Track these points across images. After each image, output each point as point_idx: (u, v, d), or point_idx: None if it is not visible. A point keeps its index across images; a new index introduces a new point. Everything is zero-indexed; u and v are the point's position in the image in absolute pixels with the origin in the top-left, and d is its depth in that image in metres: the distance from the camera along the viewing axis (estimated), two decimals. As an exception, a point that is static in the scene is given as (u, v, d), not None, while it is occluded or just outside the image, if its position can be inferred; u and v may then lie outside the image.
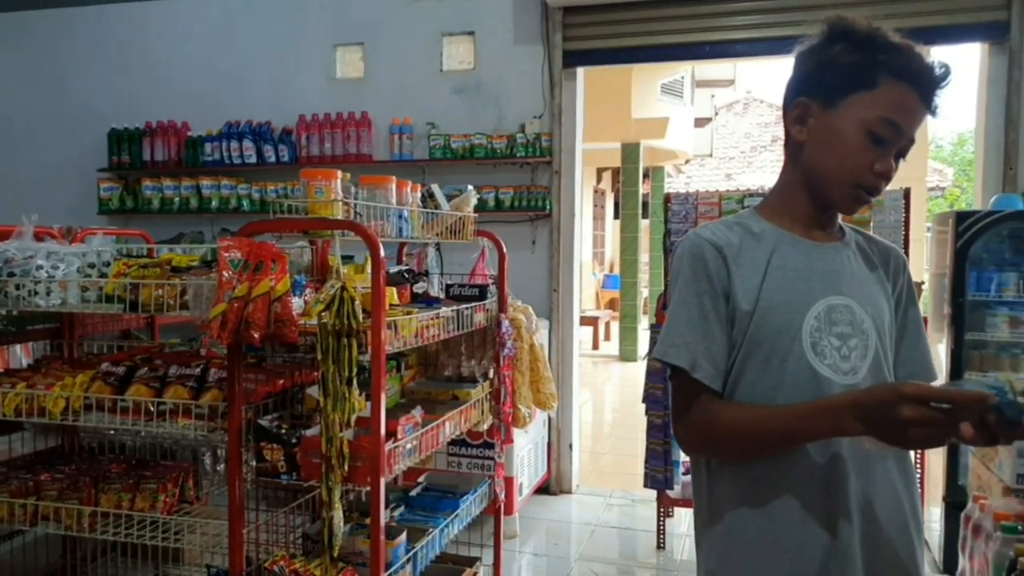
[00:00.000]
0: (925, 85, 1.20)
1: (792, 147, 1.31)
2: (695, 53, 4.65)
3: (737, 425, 1.23)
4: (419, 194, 2.56)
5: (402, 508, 2.66)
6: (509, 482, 3.81)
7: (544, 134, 4.61)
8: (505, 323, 2.89)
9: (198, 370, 2.40)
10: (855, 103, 1.22)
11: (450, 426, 2.55)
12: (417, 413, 2.27)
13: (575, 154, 4.69)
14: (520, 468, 4.03)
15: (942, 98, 1.23)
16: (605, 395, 8.49)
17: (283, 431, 2.18)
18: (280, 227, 2.19)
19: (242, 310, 2.00)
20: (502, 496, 2.98)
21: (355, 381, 1.94)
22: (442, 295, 2.90)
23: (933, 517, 3.73)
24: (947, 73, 1.22)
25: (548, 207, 4.64)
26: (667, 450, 3.66)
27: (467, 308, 2.63)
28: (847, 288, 1.29)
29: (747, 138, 15.89)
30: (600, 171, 14.88)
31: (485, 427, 2.95)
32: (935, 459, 3.66)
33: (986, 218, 3.44)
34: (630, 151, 10.30)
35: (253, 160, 5.12)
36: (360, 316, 1.92)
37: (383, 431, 2.01)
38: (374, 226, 2.17)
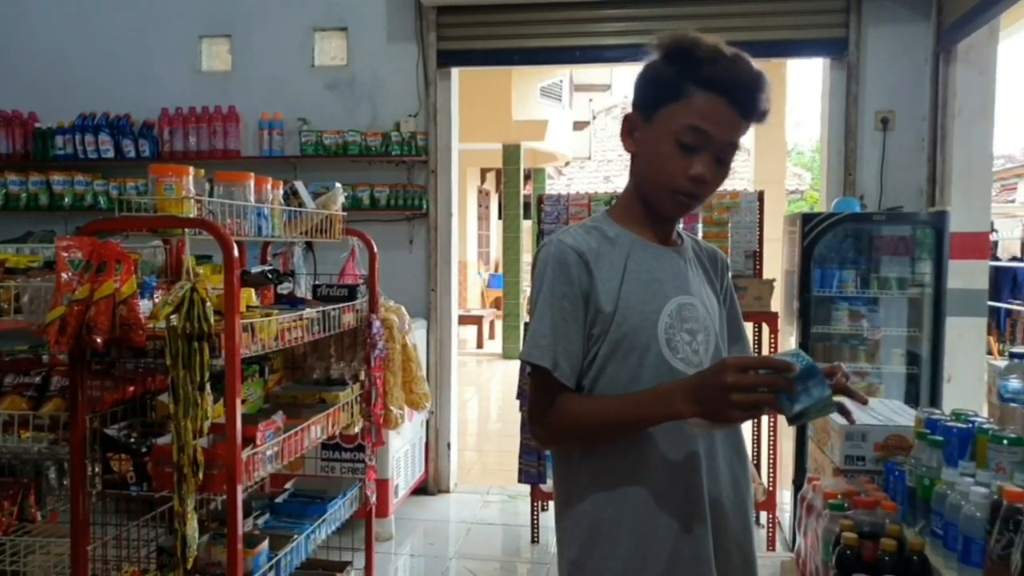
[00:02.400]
0: (733, 93, 1.25)
1: (631, 160, 1.39)
2: (567, 57, 4.77)
3: (584, 415, 1.31)
4: (281, 191, 2.49)
5: (267, 515, 2.58)
6: (384, 484, 3.78)
7: (420, 133, 4.59)
8: (376, 324, 2.86)
9: (38, 379, 2.24)
10: (666, 114, 1.29)
11: (316, 430, 2.49)
12: (278, 418, 2.21)
13: (451, 153, 4.70)
14: (396, 469, 4.00)
15: (763, 105, 1.28)
16: (489, 393, 8.56)
17: (132, 440, 2.06)
18: (126, 225, 2.07)
19: (83, 314, 1.88)
20: (373, 499, 2.95)
21: (207, 386, 1.87)
22: (309, 296, 2.83)
23: (785, 499, 4.00)
24: (757, 81, 1.27)
25: (425, 206, 4.63)
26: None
27: (334, 309, 2.58)
28: (691, 288, 1.40)
29: (625, 141, 16.41)
30: (484, 171, 14.99)
31: (356, 430, 2.90)
32: (786, 445, 3.92)
33: (828, 219, 3.73)
34: (511, 152, 10.43)
35: (111, 155, 4.81)
36: (212, 319, 1.85)
37: (239, 438, 1.95)
38: (230, 225, 2.09)
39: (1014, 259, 8.41)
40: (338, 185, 2.79)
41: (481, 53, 4.68)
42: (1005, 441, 1.67)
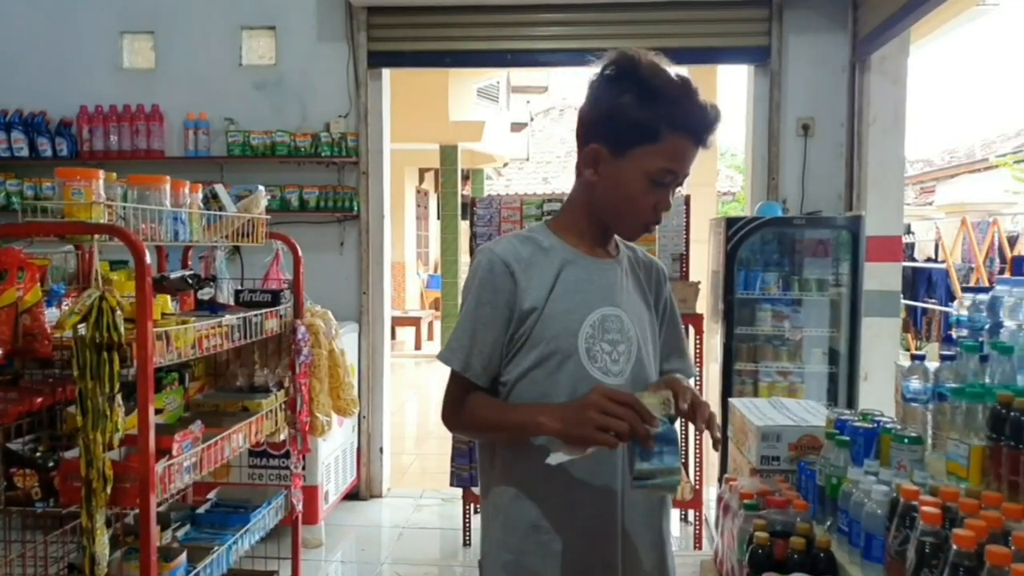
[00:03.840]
0: (700, 132, 1.35)
1: (585, 183, 1.42)
2: (500, 60, 4.79)
3: (476, 415, 1.41)
4: (201, 195, 2.42)
5: (188, 527, 2.51)
6: (313, 490, 3.72)
7: (350, 134, 4.53)
8: (301, 329, 2.81)
9: (-65, 392, 2.12)
10: (640, 155, 1.34)
11: (239, 439, 2.43)
12: (196, 428, 2.15)
13: (383, 155, 4.66)
14: (326, 475, 3.94)
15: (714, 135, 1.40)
16: (427, 395, 8.52)
17: (38, 454, 1.98)
18: (31, 231, 1.98)
19: (-18, 324, 1.80)
20: (299, 506, 2.90)
21: (118, 398, 1.80)
22: (232, 301, 2.77)
23: (711, 496, 4.10)
24: (717, 117, 1.37)
25: (356, 208, 4.57)
26: (471, 448, 3.74)
27: (256, 315, 2.52)
28: (619, 300, 1.45)
29: (563, 143, 16.56)
30: (422, 171, 14.90)
31: (282, 437, 2.85)
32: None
33: (750, 224, 3.84)
34: (448, 153, 10.40)
35: (24, 153, 4.60)
36: (122, 328, 1.79)
37: (153, 449, 1.89)
38: (144, 230, 2.02)
39: (929, 260, 8.82)
40: (261, 188, 2.73)
41: (412, 54, 4.65)
42: (906, 440, 1.74)
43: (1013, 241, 7.48)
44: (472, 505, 3.94)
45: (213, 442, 2.23)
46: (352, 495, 4.51)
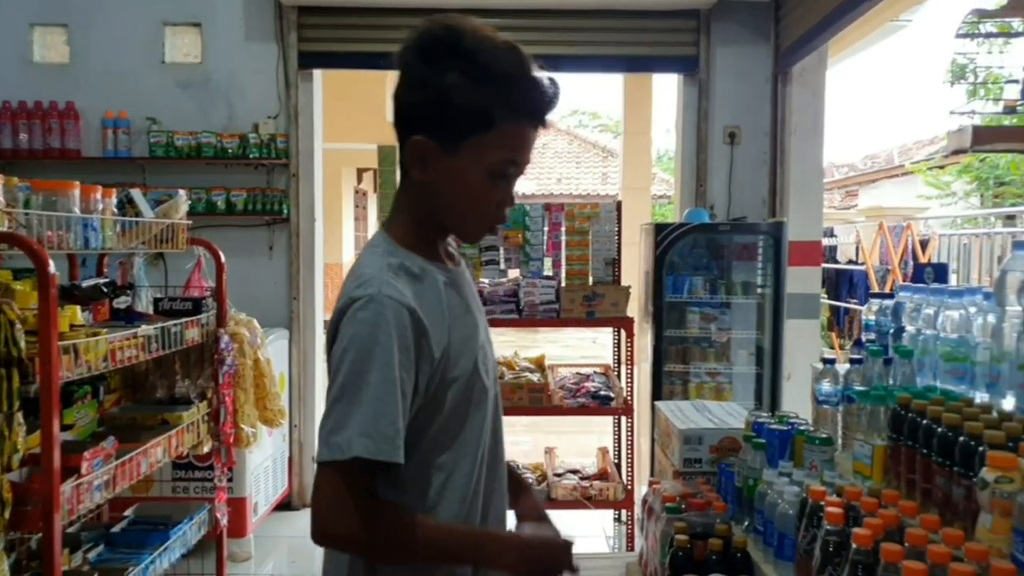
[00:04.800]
0: (540, 113, 1.18)
1: (414, 184, 1.21)
2: (432, 63, 4.75)
3: (434, 542, 1.16)
4: (115, 199, 2.34)
5: (101, 547, 2.42)
6: (241, 502, 3.63)
7: (280, 135, 4.44)
8: (224, 339, 2.74)
9: None
10: (474, 147, 1.15)
11: (157, 453, 2.36)
12: (108, 444, 2.07)
13: (314, 157, 4.59)
14: (255, 486, 3.85)
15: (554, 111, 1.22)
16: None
17: (-66, 476, 1.87)
18: (-75, 239, 1.88)
19: None
20: (224, 520, 2.82)
21: (18, 416, 1.72)
22: (151, 310, 2.68)
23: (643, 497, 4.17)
24: (557, 92, 1.19)
25: (286, 211, 4.48)
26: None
27: (176, 325, 2.45)
28: (480, 305, 1.35)
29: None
30: (361, 171, 14.71)
31: (206, 450, 2.78)
32: (644, 443, 4.09)
33: (678, 229, 3.93)
34: (387, 153, 10.31)
35: (-75, 151, 4.36)
36: (22, 342, 1.71)
37: (58, 469, 1.81)
38: (50, 237, 1.94)
39: (851, 262, 9.18)
40: (181, 192, 2.66)
41: (345, 56, 4.59)
42: (817, 441, 1.80)
43: (925, 244, 7.85)
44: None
45: (128, 458, 2.15)
46: (284, 505, 4.42)
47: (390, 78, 9.09)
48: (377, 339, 1.09)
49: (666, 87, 4.71)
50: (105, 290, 2.48)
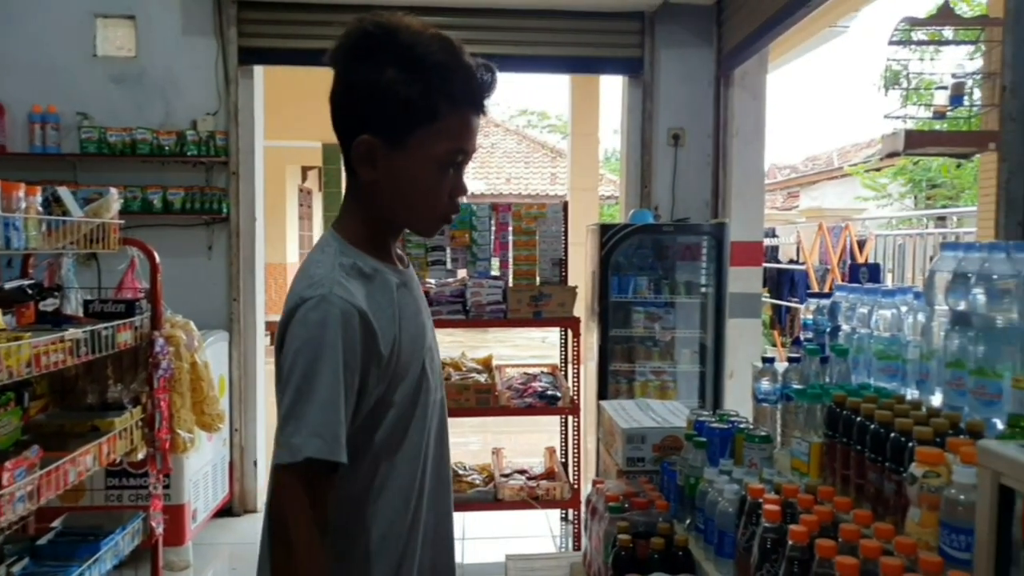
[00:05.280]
0: (480, 101, 1.19)
1: (364, 184, 1.20)
2: (377, 62, 4.69)
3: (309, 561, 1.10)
4: (40, 198, 2.24)
5: (26, 560, 2.31)
6: (179, 509, 3.52)
7: (219, 132, 4.33)
8: (159, 342, 2.66)
9: None
10: (421, 140, 1.15)
11: (87, 461, 2.27)
12: (32, 453, 1.98)
13: (255, 155, 4.49)
14: (194, 492, 3.74)
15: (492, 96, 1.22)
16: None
17: None
18: None
19: None
20: (159, 529, 2.73)
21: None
22: (81, 313, 2.57)
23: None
24: (494, 77, 1.20)
25: (226, 210, 4.37)
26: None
27: (107, 328, 2.36)
28: (427, 308, 1.37)
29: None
30: (305, 169, 14.47)
31: (140, 456, 2.68)
32: (590, 442, 4.11)
33: (623, 230, 3.96)
34: (331, 151, 10.16)
35: None
36: (-64, 347, 1.62)
37: (-24, 479, 1.72)
38: (-32, 238, 1.85)
39: (792, 262, 9.41)
40: (112, 191, 2.56)
41: (287, 52, 4.49)
42: (756, 439, 1.83)
43: (862, 245, 8.10)
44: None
45: (54, 467, 2.06)
46: (225, 511, 4.31)
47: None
48: (326, 340, 1.09)
49: (614, 88, 4.77)
50: (30, 292, 2.38)
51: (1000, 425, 1.34)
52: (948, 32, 3.10)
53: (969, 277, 1.50)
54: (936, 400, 1.64)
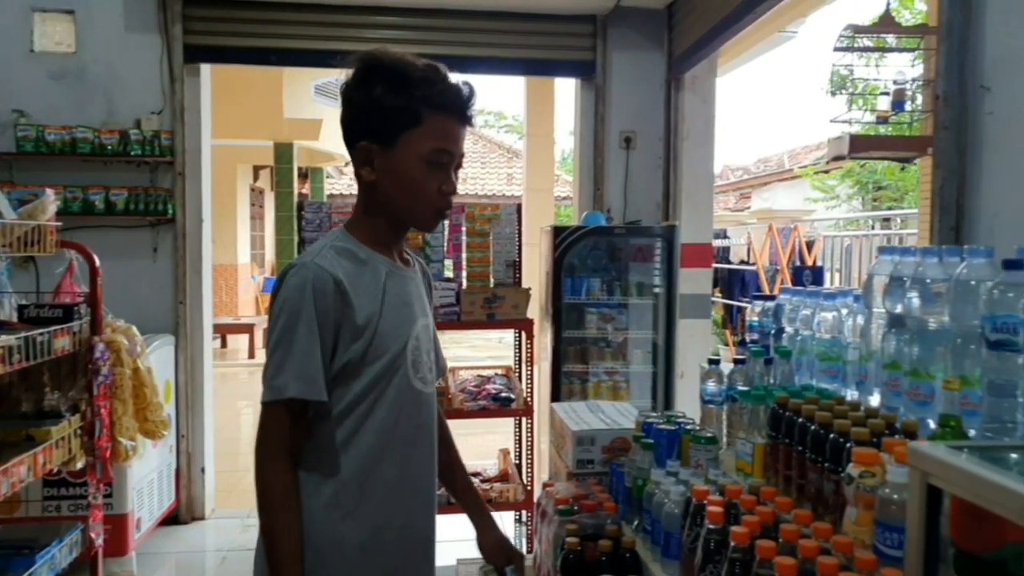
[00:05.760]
0: (459, 108, 1.40)
1: (366, 186, 1.42)
2: (328, 62, 4.59)
3: (278, 522, 1.32)
4: (-30, 200, 2.15)
5: (-45, 576, 2.22)
6: (122, 519, 3.43)
7: (164, 132, 4.21)
8: (99, 347, 2.58)
9: None
10: (408, 141, 1.36)
11: (21, 471, 2.19)
12: (-40, 465, 1.90)
13: (202, 155, 4.38)
14: (138, 501, 3.63)
15: (475, 110, 1.44)
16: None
17: None
18: None
19: None
20: (99, 540, 2.65)
21: None
22: (15, 318, 2.48)
23: (544, 495, 4.20)
24: (473, 92, 1.41)
25: (171, 211, 4.26)
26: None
27: (43, 333, 2.28)
28: (426, 309, 1.53)
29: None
30: (257, 169, 14.23)
31: (79, 466, 2.60)
32: (544, 443, 4.12)
33: (576, 232, 3.98)
34: (283, 151, 10.01)
35: None
36: None
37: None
38: None
39: (743, 263, 9.59)
40: (49, 192, 2.48)
41: (235, 50, 4.40)
42: (702, 440, 1.85)
43: (811, 245, 8.29)
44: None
45: (-16, 479, 1.98)
46: (171, 519, 4.21)
47: (288, 74, 8.83)
48: (303, 298, 1.30)
49: (569, 90, 4.79)
50: (-40, 297, 2.28)
51: (933, 424, 1.38)
52: (892, 39, 3.18)
53: (904, 281, 1.54)
54: (874, 401, 1.68)
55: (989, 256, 1.42)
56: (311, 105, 10.09)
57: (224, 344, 11.35)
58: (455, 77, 1.41)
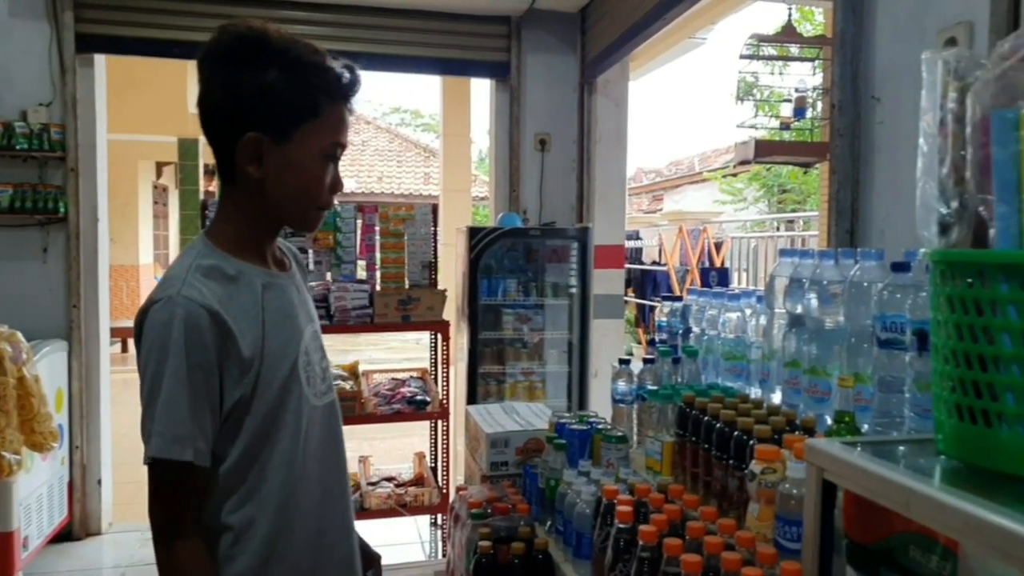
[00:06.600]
0: (351, 96, 1.29)
1: (246, 183, 1.24)
2: (236, 55, 4.47)
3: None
4: None
5: None
6: (7, 537, 3.20)
7: (54, 125, 3.96)
8: (-22, 354, 2.39)
9: None
10: (305, 133, 1.23)
11: None
12: None
13: (97, 150, 4.14)
14: (26, 517, 3.40)
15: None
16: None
17: None
18: None
19: None
20: (-21, 563, 2.46)
21: None
22: None
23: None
24: (359, 76, 1.29)
25: (63, 209, 4.01)
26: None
27: (-90, 341, 2.10)
28: (311, 313, 1.39)
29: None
30: (161, 165, 13.61)
31: (-45, 482, 2.40)
32: (459, 446, 4.09)
33: (491, 233, 3.97)
34: (188, 147, 9.62)
35: None
36: None
37: None
38: None
39: (655, 263, 9.84)
40: (-82, 188, 2.27)
41: (133, 41, 4.17)
42: (613, 440, 1.87)
43: (720, 247, 8.58)
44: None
45: None
46: (64, 536, 3.96)
47: (191, 67, 8.47)
48: (171, 340, 1.13)
49: (486, 90, 4.78)
50: None
51: (830, 420, 1.43)
52: (795, 49, 3.32)
53: (803, 282, 1.60)
54: (776, 398, 1.73)
55: (880, 259, 1.49)
56: (219, 100, 9.71)
57: (125, 348, 10.82)
58: (333, 60, 1.28)
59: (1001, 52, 0.85)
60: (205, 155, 10.06)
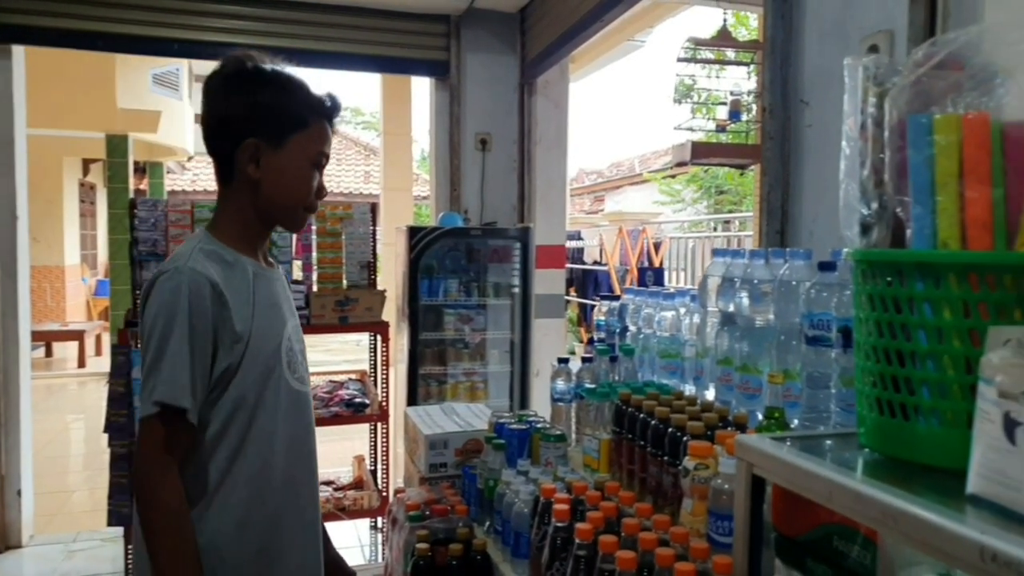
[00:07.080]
0: (333, 116, 1.52)
1: (244, 183, 1.44)
2: (165, 49, 4.32)
3: (173, 533, 1.29)
4: None
5: None
6: (-83, 556, 3.02)
7: (-31, 119, 3.78)
8: None
9: None
10: (296, 142, 1.44)
11: None
12: None
13: (15, 146, 3.95)
14: (-61, 534, 3.23)
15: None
16: (95, 420, 7.46)
17: None
18: None
19: None
20: None
21: None
22: None
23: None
24: (340, 104, 1.52)
25: (-22, 208, 3.82)
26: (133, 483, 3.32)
27: None
28: (293, 309, 1.57)
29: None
30: (87, 162, 13.07)
31: None
32: (399, 448, 4.05)
33: (432, 233, 3.94)
34: (117, 143, 9.24)
35: None
36: None
37: None
38: None
39: (596, 263, 9.94)
40: None
41: (55, 32, 3.99)
42: (552, 438, 1.88)
43: (659, 247, 8.72)
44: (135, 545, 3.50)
45: None
46: (-19, 550, 3.77)
47: (122, 61, 8.15)
48: (179, 304, 1.30)
49: (426, 88, 4.75)
50: None
51: (761, 416, 1.46)
52: (731, 53, 3.39)
53: (735, 281, 1.63)
54: (710, 395, 1.77)
55: (808, 258, 1.53)
56: (149, 95, 9.40)
57: (49, 353, 10.37)
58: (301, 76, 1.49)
59: (916, 59, 0.88)
60: (136, 152, 9.72)
